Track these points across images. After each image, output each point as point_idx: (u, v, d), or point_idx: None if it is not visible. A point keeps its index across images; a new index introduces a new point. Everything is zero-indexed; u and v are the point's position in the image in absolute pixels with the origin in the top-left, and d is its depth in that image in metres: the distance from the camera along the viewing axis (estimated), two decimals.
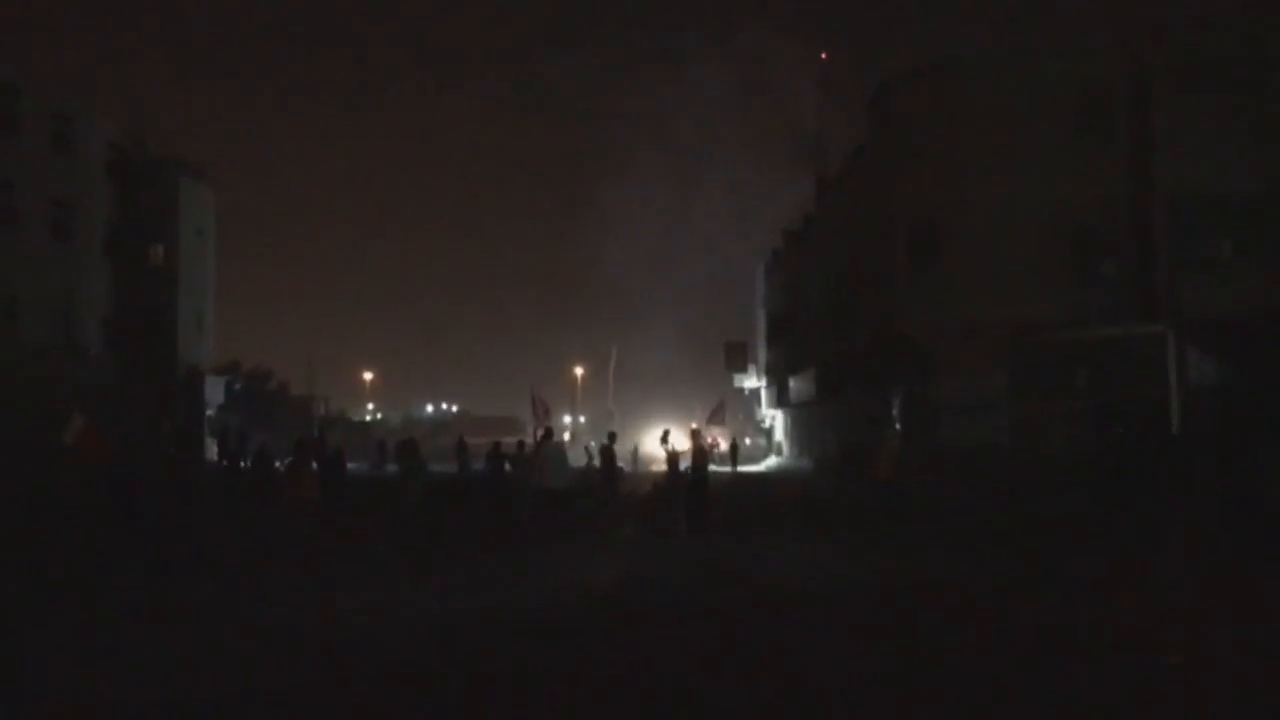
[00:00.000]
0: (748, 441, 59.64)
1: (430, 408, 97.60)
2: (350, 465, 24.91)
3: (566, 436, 30.77)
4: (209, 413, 40.98)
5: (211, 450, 33.67)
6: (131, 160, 37.84)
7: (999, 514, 18.26)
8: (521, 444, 21.03)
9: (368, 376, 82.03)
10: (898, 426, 27.35)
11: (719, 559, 13.46)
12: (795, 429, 44.75)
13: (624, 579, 11.53)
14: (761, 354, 52.35)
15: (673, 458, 17.55)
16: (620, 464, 40.45)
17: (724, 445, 46.71)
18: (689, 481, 17.04)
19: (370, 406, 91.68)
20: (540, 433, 17.82)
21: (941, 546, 14.06)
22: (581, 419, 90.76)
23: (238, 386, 48.45)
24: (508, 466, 19.65)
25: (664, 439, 18.11)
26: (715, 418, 37.96)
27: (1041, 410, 25.42)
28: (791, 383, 42.32)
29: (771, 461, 47.31)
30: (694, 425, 29.42)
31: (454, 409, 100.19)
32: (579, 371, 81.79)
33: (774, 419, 50.72)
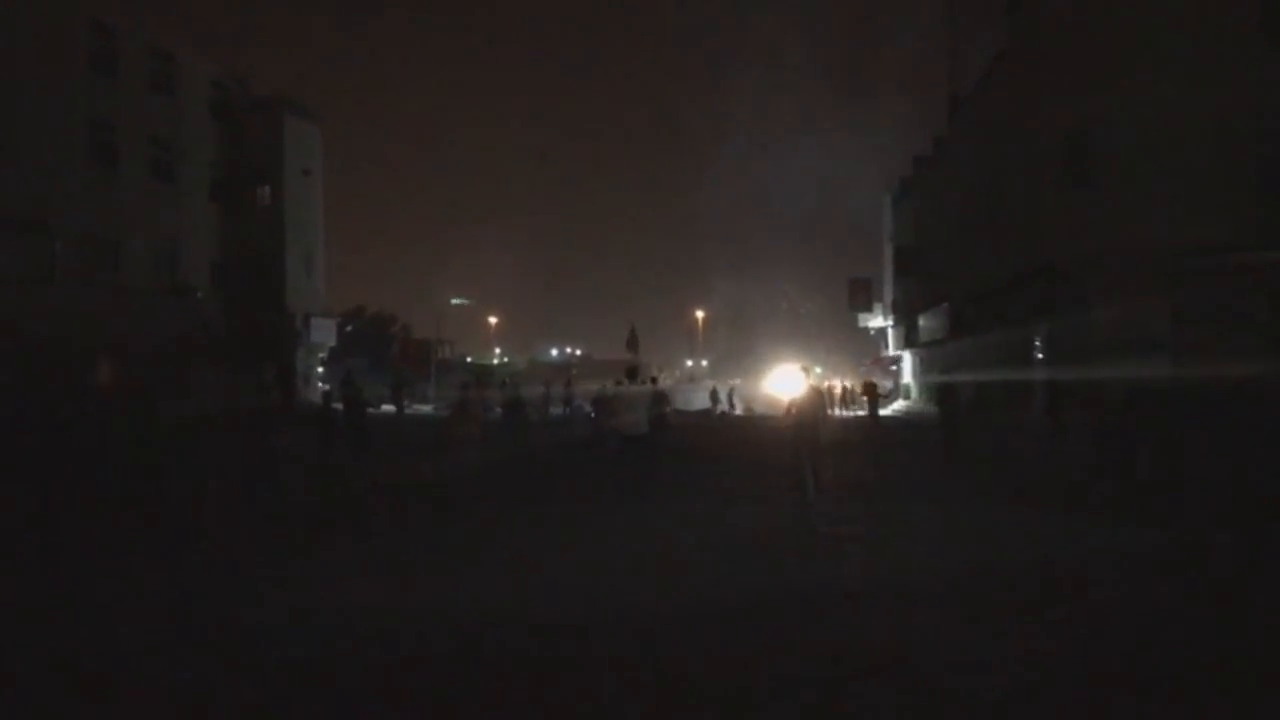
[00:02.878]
0: (870, 383, 56.62)
1: (555, 351, 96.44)
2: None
3: (665, 380, 28.92)
4: (321, 356, 39.84)
5: (316, 393, 32.85)
6: (235, 99, 36.39)
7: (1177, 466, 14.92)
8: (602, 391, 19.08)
9: (493, 320, 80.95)
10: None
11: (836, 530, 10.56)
12: (925, 369, 41.93)
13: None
14: (888, 292, 49.48)
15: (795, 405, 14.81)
16: (723, 407, 39.29)
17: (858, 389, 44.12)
18: (797, 433, 14.27)
19: (498, 351, 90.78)
20: (636, 377, 15.48)
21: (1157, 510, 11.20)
22: (704, 362, 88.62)
23: (349, 329, 47.31)
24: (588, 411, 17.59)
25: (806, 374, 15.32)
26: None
27: (1213, 346, 21.84)
28: (921, 321, 40.28)
29: (899, 405, 45.18)
30: (814, 370, 26.71)
31: (577, 352, 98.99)
32: (700, 314, 79.07)
33: (902, 360, 48.44)
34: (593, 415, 20.97)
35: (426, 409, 41.87)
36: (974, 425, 25.39)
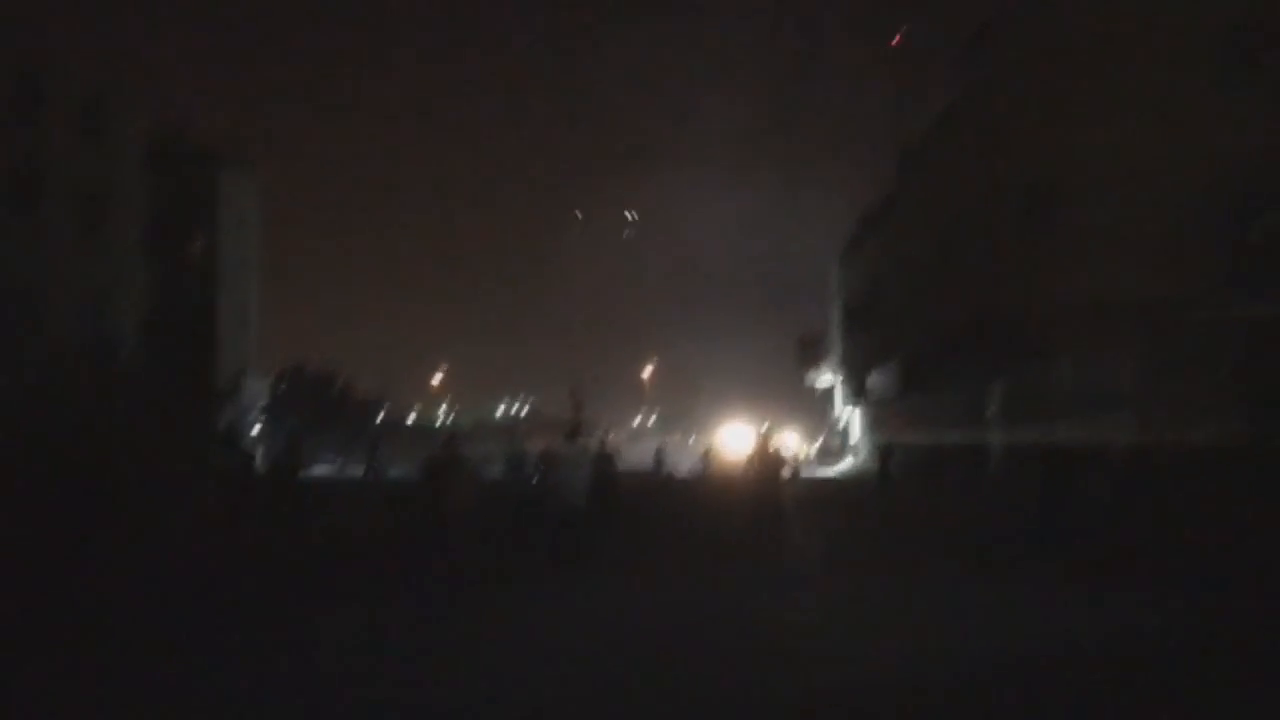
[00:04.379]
0: (819, 442, 55.49)
1: (502, 408, 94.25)
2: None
3: (614, 438, 27.64)
4: (253, 414, 37.83)
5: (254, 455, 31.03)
6: (171, 148, 34.56)
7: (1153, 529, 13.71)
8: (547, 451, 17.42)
9: (438, 376, 78.73)
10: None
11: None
12: (874, 428, 41.00)
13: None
14: (837, 348, 48.31)
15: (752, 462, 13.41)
16: (668, 467, 37.70)
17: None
18: (754, 490, 12.89)
19: (444, 408, 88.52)
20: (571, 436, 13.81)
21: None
22: (653, 418, 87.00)
23: (283, 388, 45.28)
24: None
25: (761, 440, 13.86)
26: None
27: (1182, 404, 20.71)
28: (870, 377, 39.33)
29: (846, 464, 43.92)
30: (764, 427, 25.43)
31: (525, 410, 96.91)
32: (649, 368, 77.55)
33: (849, 416, 47.26)
34: (535, 479, 19.38)
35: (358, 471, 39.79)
36: (920, 487, 24.26)
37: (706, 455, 41.85)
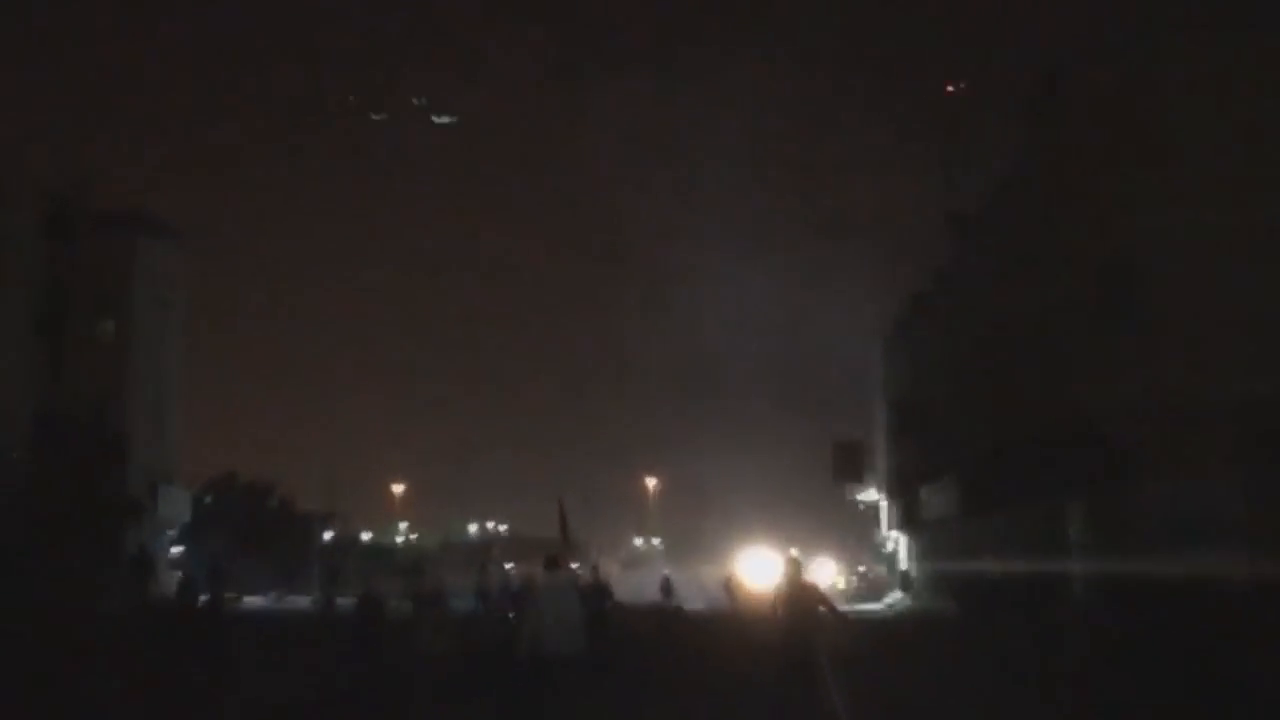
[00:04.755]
0: (860, 570, 55.52)
1: (474, 527, 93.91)
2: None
3: (609, 567, 27.76)
4: (170, 534, 37.93)
5: (167, 583, 31.31)
6: (73, 213, 35.11)
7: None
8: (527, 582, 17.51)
9: (397, 490, 78.54)
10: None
11: None
12: (928, 556, 41.49)
13: None
14: (882, 459, 48.40)
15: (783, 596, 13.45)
16: (677, 600, 37.53)
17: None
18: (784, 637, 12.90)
19: (404, 526, 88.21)
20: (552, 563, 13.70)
21: None
22: (655, 542, 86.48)
23: (208, 501, 45.37)
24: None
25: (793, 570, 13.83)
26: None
27: None
28: (923, 494, 39.47)
29: (895, 598, 44.46)
30: (793, 554, 25.56)
31: (502, 529, 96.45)
32: (650, 483, 77.38)
33: (898, 542, 47.74)
34: (511, 615, 19.25)
35: (301, 601, 39.69)
36: (984, 626, 24.20)
37: (729, 586, 41.62)
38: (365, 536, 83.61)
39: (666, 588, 38.46)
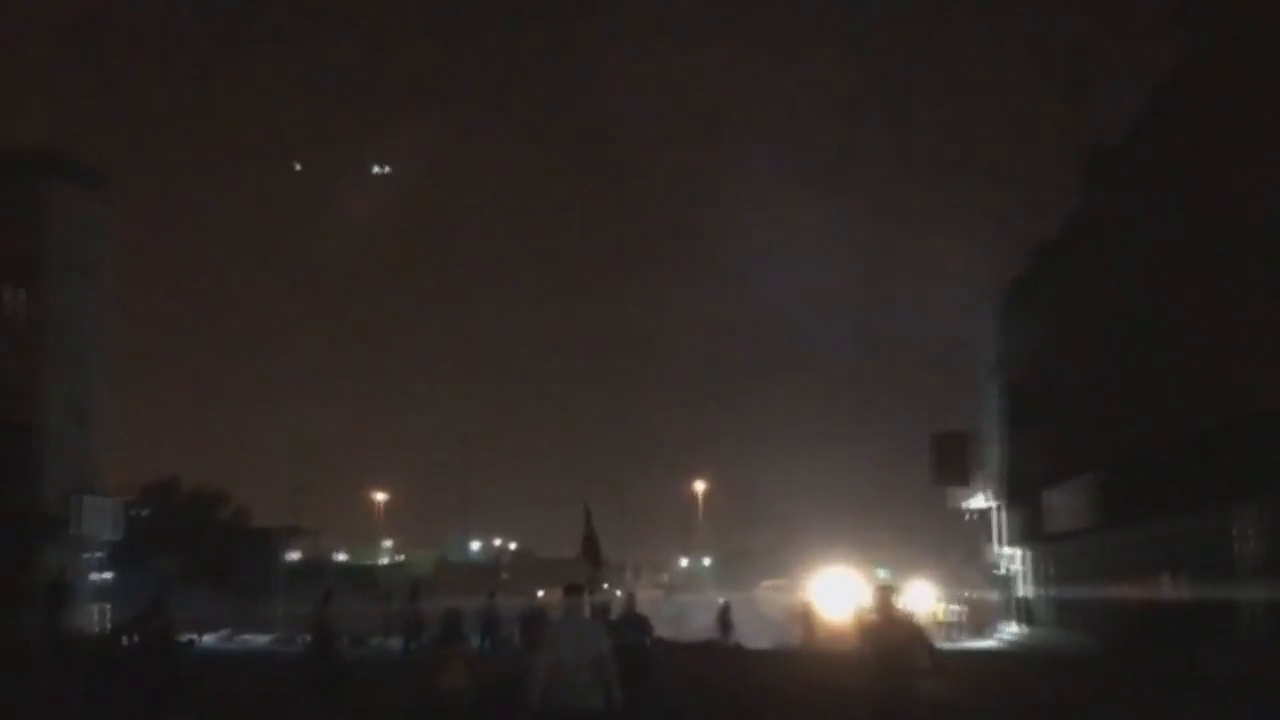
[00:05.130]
0: (965, 596, 55.13)
1: (477, 545, 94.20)
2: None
3: (635, 592, 27.74)
4: (95, 556, 37.85)
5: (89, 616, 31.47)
6: None
7: None
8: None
9: (380, 499, 78.61)
10: None
11: None
12: (1055, 579, 41.40)
13: None
14: (995, 456, 48.59)
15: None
16: (736, 636, 37.27)
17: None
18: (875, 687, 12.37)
19: (388, 544, 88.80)
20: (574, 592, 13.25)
21: None
22: (705, 562, 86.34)
23: (144, 514, 45.22)
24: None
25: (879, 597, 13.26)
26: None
27: None
28: (1049, 500, 39.40)
29: (1013, 632, 44.36)
30: (881, 577, 24.81)
31: (511, 547, 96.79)
32: (699, 488, 76.77)
33: (1015, 561, 47.51)
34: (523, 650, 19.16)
35: (260, 640, 39.53)
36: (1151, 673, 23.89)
37: (806, 617, 41.00)
38: (340, 557, 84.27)
39: (724, 619, 37.93)
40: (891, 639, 12.22)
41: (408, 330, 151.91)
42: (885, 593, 13.00)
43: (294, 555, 66.71)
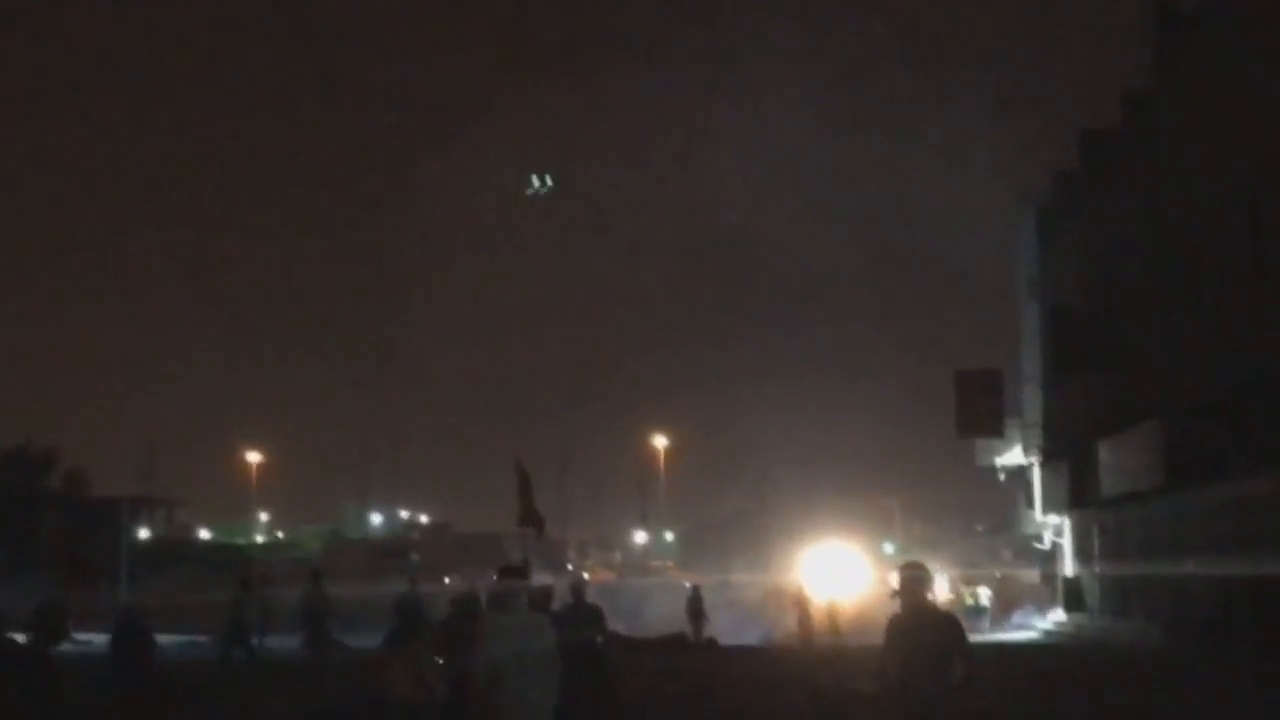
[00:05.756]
0: (994, 578, 55.75)
1: (378, 517, 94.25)
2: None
3: (585, 575, 28.02)
4: None
5: None
6: None
7: None
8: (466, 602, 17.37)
9: (253, 461, 78.29)
10: None
11: None
12: (1111, 553, 41.51)
13: None
14: (1033, 402, 49.20)
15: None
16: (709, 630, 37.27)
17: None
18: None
19: (264, 517, 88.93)
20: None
21: None
22: (669, 536, 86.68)
23: None
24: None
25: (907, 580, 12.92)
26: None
27: None
28: (1104, 456, 39.37)
29: (1056, 621, 45.03)
30: (890, 553, 24.79)
31: (422, 519, 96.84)
32: (661, 445, 76.79)
33: (1060, 532, 47.89)
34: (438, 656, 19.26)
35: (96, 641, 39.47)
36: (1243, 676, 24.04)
37: (801, 606, 40.93)
38: (204, 534, 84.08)
39: (695, 608, 38.04)
40: (923, 642, 11.97)
41: (288, 259, 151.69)
42: (915, 578, 12.59)
43: (144, 533, 66.47)
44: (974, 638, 13.60)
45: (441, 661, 18.39)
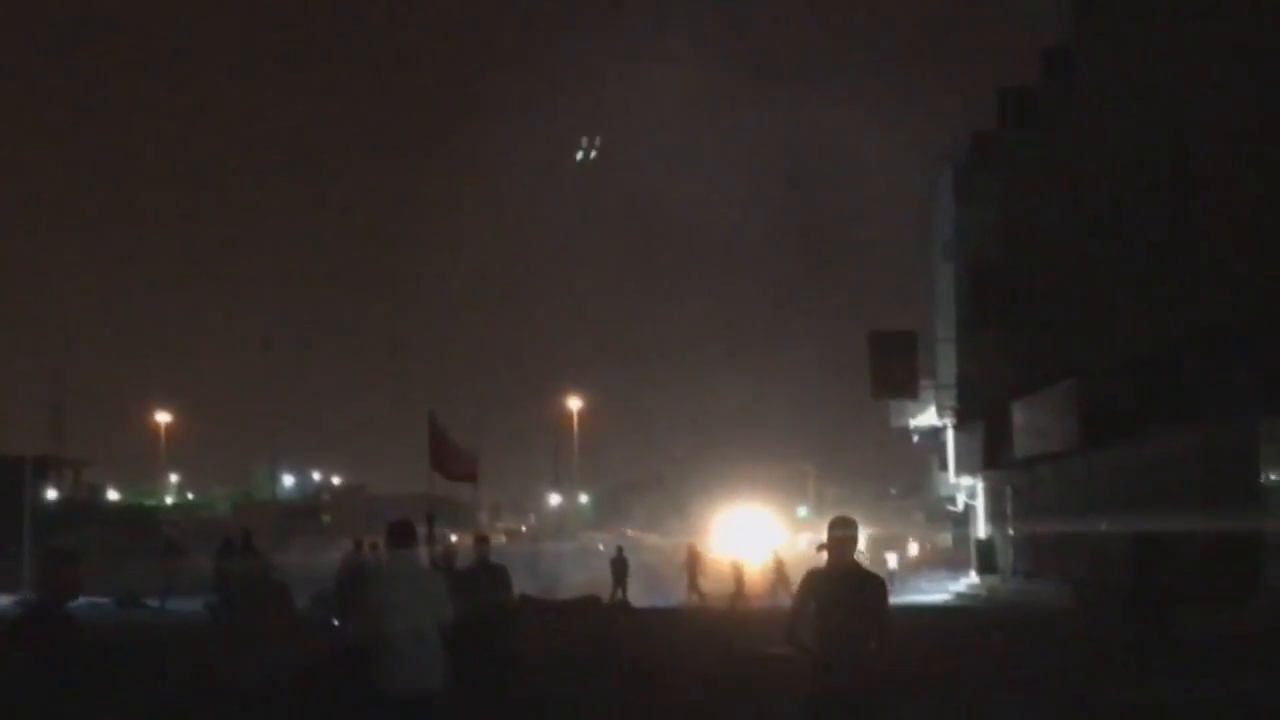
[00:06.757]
0: (904, 541, 55.88)
1: (290, 479, 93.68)
2: None
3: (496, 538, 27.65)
4: None
5: None
6: None
7: None
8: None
9: (163, 421, 77.49)
10: None
11: None
12: (1025, 514, 41.82)
13: None
14: (947, 362, 49.52)
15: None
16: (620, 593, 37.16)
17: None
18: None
19: (174, 479, 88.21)
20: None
21: None
22: (583, 499, 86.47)
23: None
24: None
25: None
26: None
27: None
28: (1018, 416, 39.36)
29: (969, 584, 45.37)
30: (803, 516, 24.31)
31: (334, 481, 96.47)
32: (575, 408, 76.26)
33: (973, 493, 48.28)
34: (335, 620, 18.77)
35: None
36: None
37: (692, 568, 40.82)
38: (113, 496, 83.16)
39: (620, 568, 37.70)
40: (846, 601, 11.37)
41: (197, 212, 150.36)
42: (846, 535, 12.02)
43: (51, 494, 65.70)
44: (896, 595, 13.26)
45: (336, 623, 17.91)
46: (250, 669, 18.79)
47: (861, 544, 14.78)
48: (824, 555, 11.50)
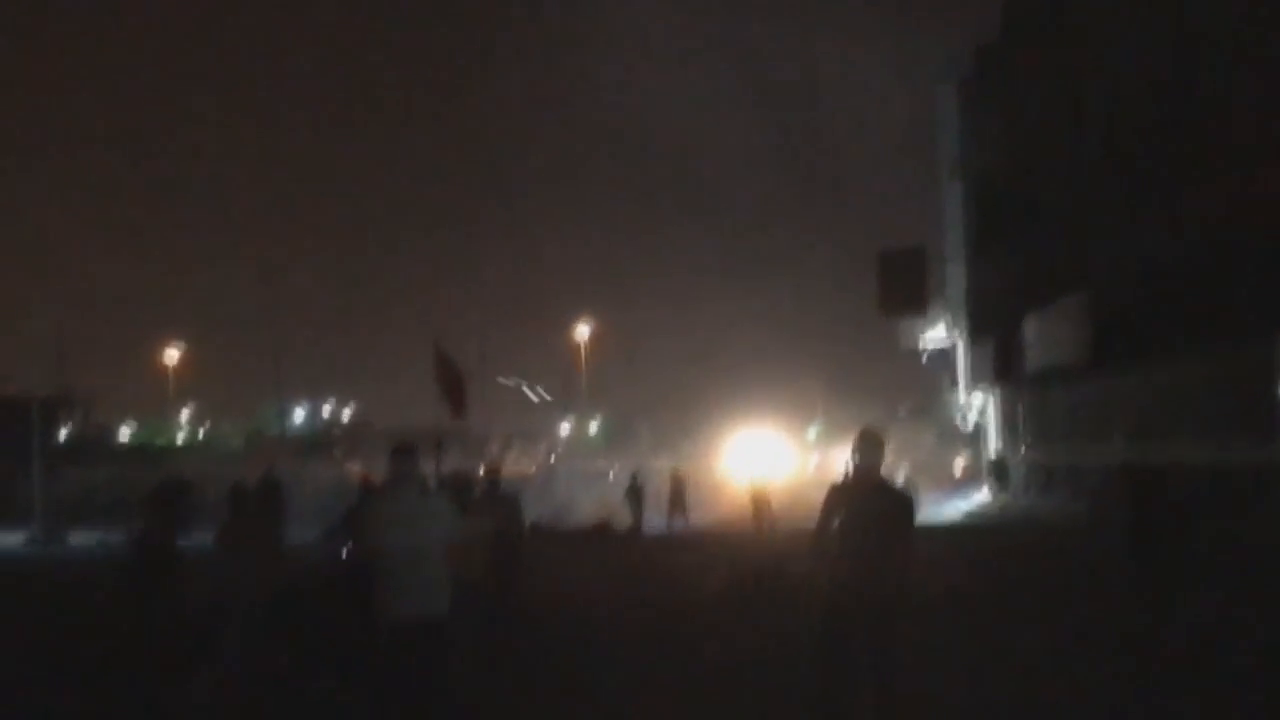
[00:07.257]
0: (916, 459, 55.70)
1: (300, 413, 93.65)
2: None
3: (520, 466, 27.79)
4: None
5: None
6: None
7: None
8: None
9: (172, 357, 77.44)
10: None
11: None
12: (1038, 431, 41.89)
13: None
14: (958, 279, 49.69)
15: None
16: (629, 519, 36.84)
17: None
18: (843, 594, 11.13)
19: (185, 414, 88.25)
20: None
21: None
22: (594, 425, 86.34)
23: None
24: None
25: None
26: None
27: None
28: (1028, 332, 39.57)
29: (980, 501, 45.07)
30: (813, 437, 23.90)
31: (344, 415, 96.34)
32: (583, 335, 76.19)
33: (984, 409, 48.59)
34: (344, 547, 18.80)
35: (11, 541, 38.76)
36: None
37: (756, 496, 40.09)
38: (125, 432, 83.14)
39: (635, 491, 37.24)
40: (871, 513, 10.95)
41: (195, 135, 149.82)
42: (873, 446, 11.56)
43: (63, 432, 65.80)
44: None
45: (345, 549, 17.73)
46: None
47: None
48: (850, 463, 11.18)
